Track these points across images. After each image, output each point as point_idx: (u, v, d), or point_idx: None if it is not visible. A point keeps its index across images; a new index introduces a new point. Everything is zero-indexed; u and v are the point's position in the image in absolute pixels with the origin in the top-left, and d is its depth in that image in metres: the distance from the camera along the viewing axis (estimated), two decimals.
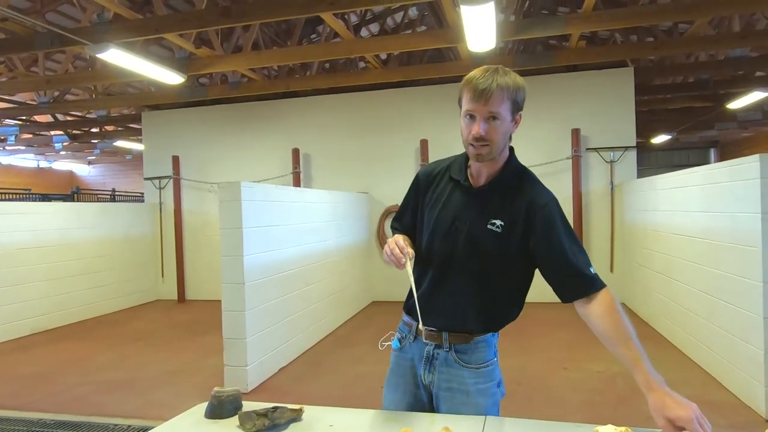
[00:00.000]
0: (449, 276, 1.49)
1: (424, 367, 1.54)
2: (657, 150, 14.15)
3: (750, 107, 8.89)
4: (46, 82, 6.49)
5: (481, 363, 1.51)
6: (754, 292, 3.25)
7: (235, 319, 3.96)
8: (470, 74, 1.36)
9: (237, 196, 3.96)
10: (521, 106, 1.40)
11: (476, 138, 1.35)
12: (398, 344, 1.60)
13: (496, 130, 1.35)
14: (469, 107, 1.35)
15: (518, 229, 1.42)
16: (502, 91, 1.33)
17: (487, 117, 1.34)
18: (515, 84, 1.36)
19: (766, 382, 3.15)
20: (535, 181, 1.48)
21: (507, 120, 1.37)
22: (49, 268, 6.33)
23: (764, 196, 3.14)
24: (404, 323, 1.62)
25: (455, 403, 1.49)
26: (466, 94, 1.35)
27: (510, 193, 1.44)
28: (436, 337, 1.52)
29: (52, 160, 16.20)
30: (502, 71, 1.35)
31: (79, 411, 3.63)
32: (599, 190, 6.87)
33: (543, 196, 1.43)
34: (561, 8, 7.79)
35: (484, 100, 1.32)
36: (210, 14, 4.60)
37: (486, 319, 1.51)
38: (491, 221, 1.43)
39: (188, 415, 1.53)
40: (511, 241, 1.43)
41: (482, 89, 1.31)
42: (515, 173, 1.47)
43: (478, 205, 1.46)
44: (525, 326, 5.73)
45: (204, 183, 8.07)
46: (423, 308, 1.47)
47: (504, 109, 1.35)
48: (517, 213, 1.42)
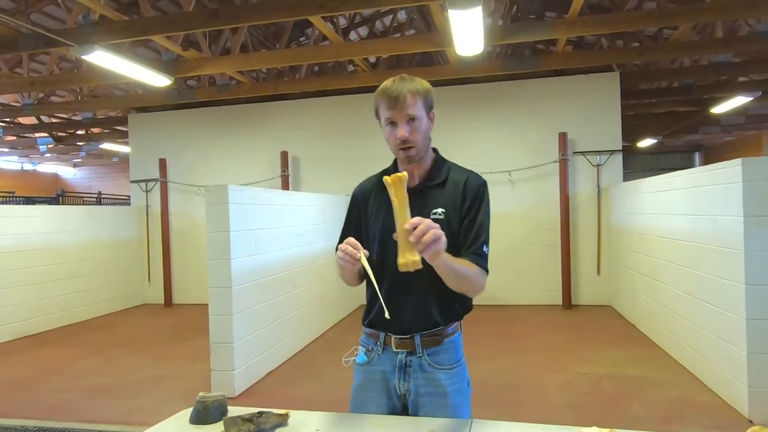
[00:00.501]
0: (407, 276, 1.49)
1: (398, 377, 1.55)
2: (643, 154, 14.33)
3: (733, 112, 9.05)
4: (30, 84, 6.41)
5: (453, 363, 1.56)
6: (736, 294, 3.29)
7: (222, 323, 3.93)
8: (381, 86, 1.49)
9: (224, 199, 3.93)
10: (432, 105, 1.53)
11: (402, 141, 1.46)
12: (365, 358, 1.60)
13: (417, 130, 1.48)
14: (389, 115, 1.47)
15: (456, 210, 1.52)
16: (414, 95, 1.46)
17: (407, 120, 1.46)
18: (423, 87, 1.49)
19: (748, 382, 3.19)
20: (465, 169, 1.62)
21: (424, 120, 1.50)
22: (33, 272, 6.23)
23: (746, 199, 3.19)
24: (367, 336, 1.63)
25: (434, 406, 1.51)
26: (383, 104, 1.48)
27: (444, 184, 1.56)
28: (408, 344, 1.54)
29: (37, 162, 15.98)
30: (408, 79, 1.48)
31: (62, 417, 3.57)
32: (586, 194, 6.93)
33: (477, 179, 1.57)
34: (548, 13, 7.87)
35: (400, 106, 1.44)
36: (197, 16, 4.57)
37: (450, 311, 1.55)
38: (433, 211, 1.51)
39: (173, 421, 1.51)
40: (454, 222, 1.52)
41: (396, 96, 1.44)
42: (444, 168, 1.59)
43: (418, 203, 1.50)
44: (513, 329, 5.76)
45: (191, 186, 8.01)
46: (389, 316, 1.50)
47: (419, 110, 1.47)
48: (455, 196, 1.53)
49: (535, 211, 7.01)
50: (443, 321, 1.54)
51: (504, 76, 6.94)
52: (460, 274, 1.42)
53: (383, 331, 1.57)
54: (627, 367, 4.31)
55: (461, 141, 7.14)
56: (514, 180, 7.04)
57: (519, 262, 7.02)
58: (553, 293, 6.90)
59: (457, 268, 1.40)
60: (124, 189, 14.19)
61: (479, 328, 5.81)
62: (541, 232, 6.99)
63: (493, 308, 6.82)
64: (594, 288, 6.89)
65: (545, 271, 6.96)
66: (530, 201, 7.03)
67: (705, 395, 3.64)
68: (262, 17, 4.41)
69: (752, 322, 3.18)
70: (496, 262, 6.95)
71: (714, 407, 3.43)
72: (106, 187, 15.78)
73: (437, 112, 1.59)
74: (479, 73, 6.25)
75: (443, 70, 6.44)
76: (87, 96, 8.28)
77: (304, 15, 4.37)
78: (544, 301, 6.94)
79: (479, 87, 7.17)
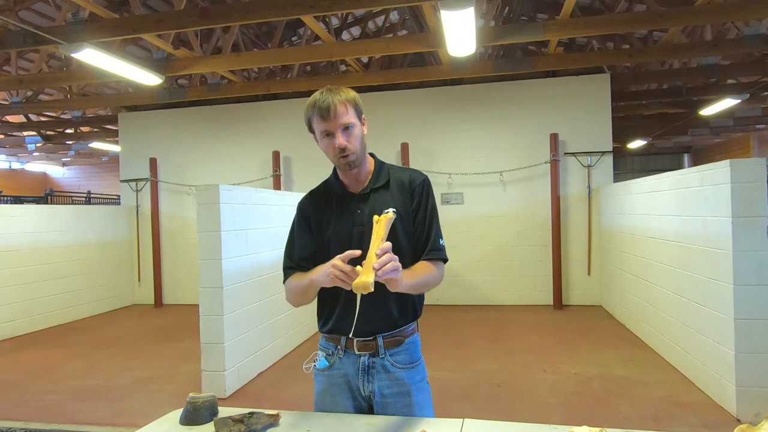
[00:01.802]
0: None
1: (361, 379, 1.57)
2: (633, 155, 14.45)
3: (721, 114, 9.15)
4: (18, 82, 6.32)
5: (414, 362, 1.60)
6: (724, 294, 3.33)
7: (213, 323, 3.90)
8: (310, 100, 1.52)
9: (215, 199, 3.91)
10: (362, 111, 1.58)
11: (341, 149, 1.50)
12: (326, 363, 1.61)
13: (353, 137, 1.52)
14: (324, 127, 1.50)
15: (407, 207, 1.58)
16: (344, 104, 1.50)
17: (342, 129, 1.50)
18: (350, 95, 1.54)
19: (736, 382, 3.22)
20: (406, 168, 1.69)
21: (358, 126, 1.55)
22: (20, 272, 6.15)
23: (734, 200, 3.22)
24: (327, 340, 1.64)
25: (399, 405, 1.55)
26: (316, 117, 1.51)
27: (389, 186, 1.61)
28: (371, 346, 1.56)
29: (25, 161, 15.79)
30: (335, 90, 1.52)
31: (49, 419, 3.53)
32: (577, 194, 6.97)
33: (419, 176, 1.63)
34: (540, 15, 7.91)
35: (332, 116, 1.48)
36: (188, 15, 4.54)
37: (408, 308, 1.59)
38: (384, 211, 1.52)
39: (163, 422, 1.50)
40: (406, 220, 1.57)
41: (327, 107, 1.48)
42: (384, 170, 1.65)
43: (367, 205, 1.58)
44: (504, 329, 5.78)
45: (182, 186, 7.95)
46: (352, 320, 1.52)
47: (352, 117, 1.52)
48: (403, 195, 1.59)
49: (527, 211, 7.04)
50: (402, 319, 1.58)
51: (496, 77, 6.97)
52: (420, 286, 1.51)
53: (344, 334, 1.57)
54: (617, 367, 4.34)
55: (453, 142, 7.16)
56: (506, 181, 7.07)
57: (510, 262, 7.05)
58: (544, 294, 6.93)
59: (417, 283, 1.47)
60: (113, 188, 14.06)
61: (470, 328, 5.83)
62: (532, 233, 7.02)
63: (484, 309, 6.84)
64: (585, 288, 6.93)
65: (536, 271, 6.99)
66: (521, 202, 7.06)
67: (694, 394, 3.68)
68: (254, 16, 4.38)
69: (740, 322, 3.21)
70: (487, 262, 7.04)
71: (702, 406, 3.46)
72: (96, 187, 15.63)
73: (432, 113, 1.60)
74: (471, 74, 6.27)
75: (435, 70, 6.45)
76: (76, 94, 8.19)
77: (295, 14, 4.35)
78: (535, 301, 6.97)
79: (471, 88, 7.19)
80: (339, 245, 1.53)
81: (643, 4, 6.57)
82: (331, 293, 1.55)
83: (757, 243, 3.19)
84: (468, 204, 7.10)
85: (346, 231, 1.56)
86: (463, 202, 7.17)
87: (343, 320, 1.55)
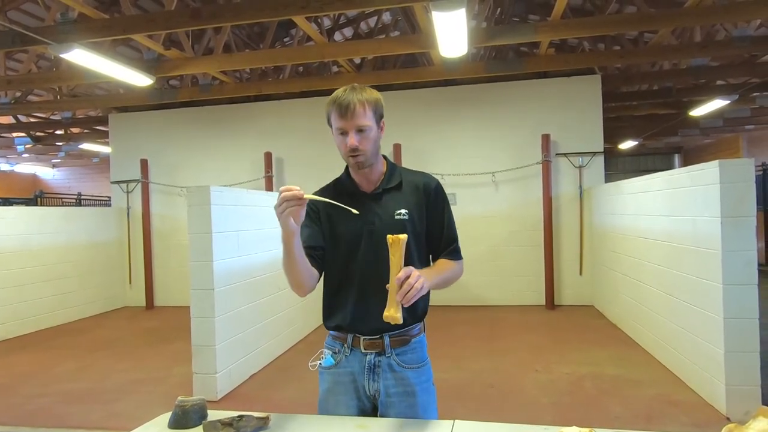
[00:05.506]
0: (374, 277, 1.50)
1: (367, 377, 1.57)
2: (624, 155, 14.53)
3: (711, 115, 9.23)
4: (6, 83, 6.27)
5: (420, 363, 1.60)
6: (714, 294, 3.35)
7: (205, 325, 3.88)
8: (332, 96, 1.51)
9: (206, 200, 3.89)
10: (382, 114, 1.57)
11: (352, 149, 1.49)
12: (332, 360, 1.61)
13: (367, 140, 1.51)
14: (339, 125, 1.50)
15: (421, 210, 1.60)
16: (363, 105, 1.49)
17: (356, 130, 1.49)
18: (373, 96, 1.52)
19: (726, 381, 3.25)
20: (418, 171, 1.69)
21: (374, 129, 1.53)
22: (9, 274, 6.09)
23: (723, 200, 3.25)
24: (334, 338, 1.63)
25: (403, 405, 1.54)
26: (334, 113, 1.50)
27: (401, 187, 1.61)
28: (378, 344, 1.56)
29: (14, 162, 15.63)
30: (359, 88, 1.51)
31: (39, 423, 3.50)
32: (569, 195, 7.00)
33: (432, 180, 1.66)
34: (531, 16, 7.94)
35: (350, 116, 1.47)
36: (179, 15, 4.52)
37: (415, 307, 1.56)
38: (397, 212, 1.57)
39: (151, 426, 1.49)
40: (418, 222, 1.59)
41: (346, 106, 1.47)
42: (396, 172, 1.65)
43: (378, 205, 1.58)
44: (496, 329, 5.80)
45: (173, 187, 7.90)
46: (359, 318, 1.54)
47: (369, 119, 1.50)
48: (416, 198, 1.60)
49: (519, 212, 7.06)
50: (409, 318, 1.57)
51: (487, 78, 6.98)
52: (444, 283, 1.56)
53: (351, 332, 1.58)
54: (608, 367, 4.36)
55: (445, 142, 7.17)
56: (498, 181, 7.09)
57: (502, 262, 7.07)
58: (536, 294, 6.95)
59: (441, 281, 1.53)
60: (104, 190, 13.94)
61: (463, 328, 5.83)
62: (524, 233, 7.04)
63: (476, 309, 6.85)
64: (576, 288, 6.96)
65: (528, 271, 7.01)
66: (513, 202, 7.08)
67: (684, 393, 3.70)
68: (245, 17, 4.37)
69: (729, 321, 3.23)
70: (480, 262, 7.05)
71: (693, 405, 3.49)
72: (86, 188, 15.49)
73: (424, 114, 1.61)
74: (463, 74, 6.28)
75: (427, 71, 6.46)
76: (66, 95, 8.12)
77: (287, 15, 4.34)
78: (528, 301, 6.99)
79: (463, 89, 7.21)
80: (349, 242, 1.56)
81: (633, 6, 6.62)
82: (341, 291, 1.58)
83: (745, 242, 3.22)
84: (460, 204, 7.11)
85: (357, 229, 1.56)
86: (456, 203, 7.18)
87: (349, 318, 1.56)
